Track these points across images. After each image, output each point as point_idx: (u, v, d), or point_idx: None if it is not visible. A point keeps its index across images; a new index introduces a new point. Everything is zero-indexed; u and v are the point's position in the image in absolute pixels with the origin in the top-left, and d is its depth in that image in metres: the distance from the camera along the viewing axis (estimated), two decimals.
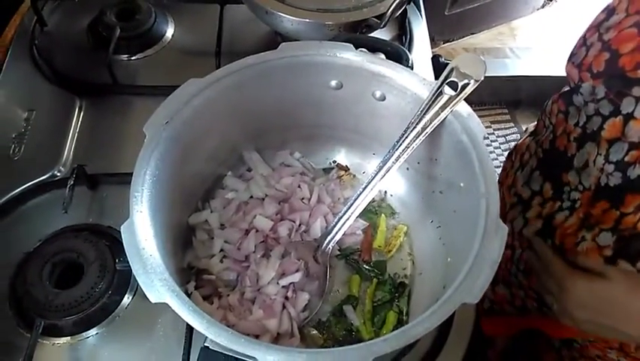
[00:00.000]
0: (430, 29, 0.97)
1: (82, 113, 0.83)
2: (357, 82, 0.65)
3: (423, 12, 0.99)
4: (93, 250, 0.65)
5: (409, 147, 0.59)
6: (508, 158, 0.85)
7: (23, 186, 0.73)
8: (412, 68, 0.71)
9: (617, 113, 0.57)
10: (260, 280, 0.63)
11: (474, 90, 0.57)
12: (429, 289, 0.63)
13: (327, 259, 0.65)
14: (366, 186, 0.61)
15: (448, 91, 0.57)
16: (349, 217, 0.63)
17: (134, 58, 0.91)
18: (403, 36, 0.94)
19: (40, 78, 0.85)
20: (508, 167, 0.83)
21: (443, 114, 0.57)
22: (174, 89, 0.59)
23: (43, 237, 0.69)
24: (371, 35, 0.82)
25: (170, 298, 0.44)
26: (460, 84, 0.57)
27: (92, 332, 0.63)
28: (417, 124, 0.58)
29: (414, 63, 0.75)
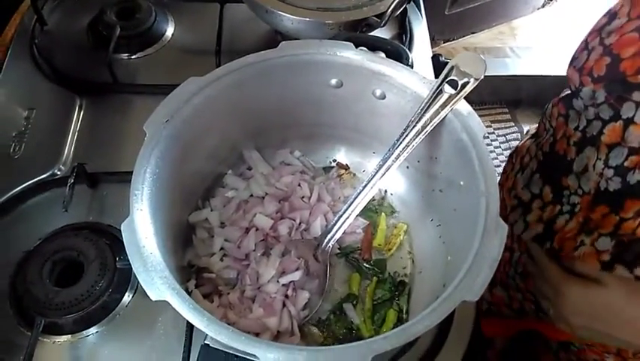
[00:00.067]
0: (430, 29, 0.97)
1: (82, 112, 0.83)
2: (357, 80, 0.65)
3: (423, 11, 0.99)
4: (93, 248, 0.65)
5: (409, 146, 0.58)
6: (508, 160, 0.85)
7: (23, 184, 0.74)
8: (412, 66, 0.71)
9: (617, 118, 0.57)
10: (260, 279, 0.63)
11: (474, 89, 0.57)
12: (429, 288, 0.63)
13: (327, 258, 0.65)
14: (366, 185, 0.61)
15: (448, 89, 0.57)
16: (349, 216, 0.63)
17: (134, 57, 0.91)
18: (403, 35, 0.94)
19: (41, 77, 0.85)
20: (508, 169, 0.83)
21: (443, 113, 0.57)
22: (174, 88, 0.59)
23: (43, 235, 0.69)
24: (371, 34, 0.82)
25: (170, 295, 0.44)
26: (460, 83, 0.57)
27: (93, 330, 0.63)
28: (417, 122, 0.58)
29: (414, 62, 0.75)
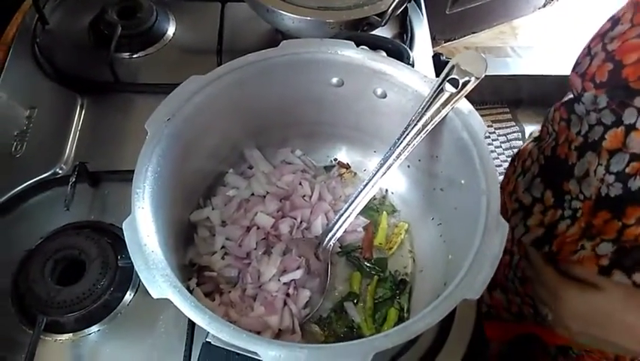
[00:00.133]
0: (431, 28, 0.97)
1: (83, 111, 0.83)
2: (358, 79, 0.65)
3: (424, 10, 0.99)
4: (95, 247, 0.65)
5: (409, 145, 0.58)
6: (510, 163, 0.84)
7: (25, 183, 0.74)
8: (413, 65, 0.72)
9: (618, 124, 0.56)
10: (261, 277, 0.63)
11: (475, 89, 0.57)
12: (430, 286, 0.63)
13: (328, 256, 0.65)
14: (367, 184, 0.61)
15: (449, 88, 0.57)
16: (350, 215, 0.63)
17: (135, 56, 0.91)
18: (404, 34, 0.93)
19: (42, 76, 0.85)
20: (510, 172, 0.82)
21: (444, 111, 0.57)
22: (175, 87, 0.59)
23: (45, 234, 0.69)
24: (372, 33, 0.83)
25: (172, 293, 0.44)
26: (460, 81, 0.57)
27: (94, 328, 0.63)
28: (418, 121, 0.58)
29: (415, 61, 0.76)
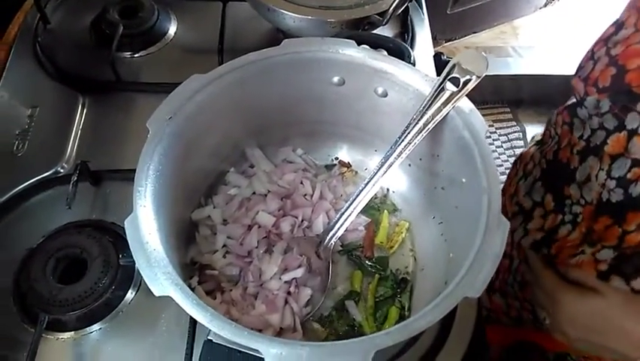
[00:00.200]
0: (432, 28, 0.97)
1: (85, 110, 0.84)
2: (359, 78, 0.65)
3: (425, 9, 0.99)
4: (96, 245, 0.65)
5: (410, 143, 0.59)
6: (512, 166, 0.84)
7: (27, 182, 0.74)
8: (414, 65, 0.72)
9: (621, 129, 0.56)
10: (262, 276, 0.63)
11: (476, 89, 0.57)
12: (431, 285, 0.63)
13: (329, 255, 0.65)
14: (367, 183, 0.61)
15: (450, 87, 0.57)
16: (351, 213, 0.63)
17: (136, 55, 0.91)
18: (405, 33, 0.94)
19: (44, 75, 0.85)
20: (512, 175, 0.82)
21: (445, 110, 0.57)
22: (177, 87, 0.59)
23: (46, 233, 0.69)
24: (373, 32, 0.83)
25: (173, 291, 0.44)
26: (462, 80, 0.57)
27: (96, 327, 0.63)
28: (419, 120, 0.58)
29: (416, 61, 0.76)
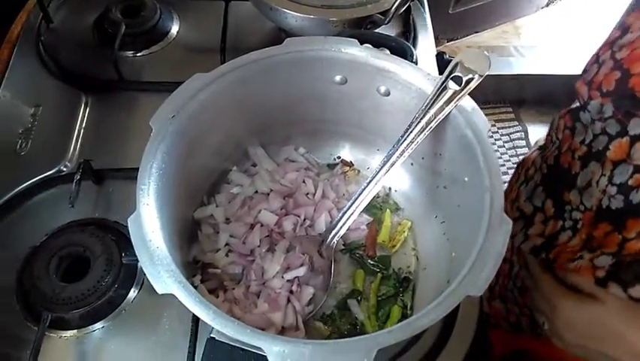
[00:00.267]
0: (434, 28, 0.97)
1: (88, 109, 0.84)
2: (361, 77, 0.65)
3: (427, 9, 0.99)
4: (99, 244, 0.65)
5: (413, 142, 0.58)
6: (515, 171, 0.83)
7: (30, 181, 0.74)
8: (416, 64, 0.71)
9: (623, 134, 0.55)
10: (265, 274, 0.63)
11: (478, 88, 0.57)
12: (433, 284, 0.63)
13: (331, 254, 0.65)
14: (370, 181, 0.61)
15: (453, 86, 0.57)
16: (353, 212, 0.63)
17: (139, 54, 0.91)
18: (407, 33, 0.94)
19: (47, 74, 0.86)
20: (513, 180, 0.81)
21: (447, 109, 0.57)
22: (179, 85, 0.59)
23: (49, 231, 0.69)
24: (375, 31, 0.83)
25: (176, 289, 0.45)
26: (464, 79, 0.57)
27: (99, 325, 0.63)
28: (421, 119, 0.58)
29: (418, 60, 0.75)
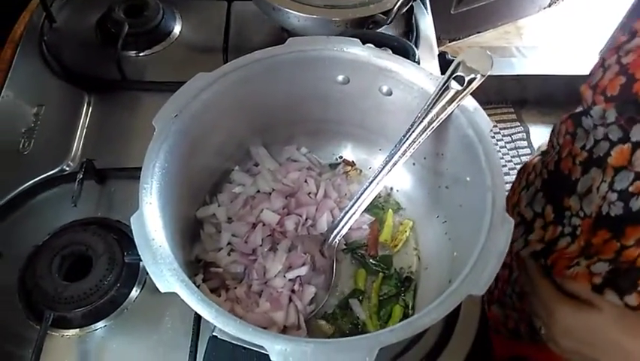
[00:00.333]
0: (436, 28, 0.97)
1: (90, 109, 0.84)
2: (364, 77, 0.65)
3: (429, 9, 0.99)
4: (102, 243, 0.66)
5: (415, 142, 0.59)
6: (517, 176, 0.83)
7: (33, 180, 0.74)
8: (418, 63, 0.72)
9: (625, 140, 0.55)
10: (267, 273, 0.63)
11: (480, 89, 0.57)
12: (435, 284, 0.63)
13: (333, 253, 0.65)
14: (372, 181, 0.61)
15: (455, 85, 0.57)
16: (355, 212, 0.63)
17: (142, 54, 0.92)
18: (410, 33, 0.94)
19: (49, 74, 0.86)
20: (515, 185, 0.81)
21: (450, 109, 0.57)
22: (182, 85, 0.60)
23: (52, 230, 0.69)
24: (378, 31, 0.83)
25: (179, 287, 0.45)
26: (466, 79, 0.57)
27: (101, 324, 0.63)
28: (423, 119, 0.58)
29: (420, 60, 0.76)
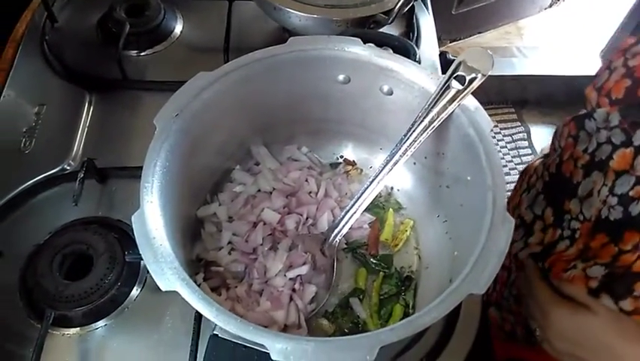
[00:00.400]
0: (437, 28, 0.97)
1: (92, 108, 0.84)
2: (364, 76, 0.65)
3: (430, 9, 0.99)
4: (102, 242, 0.66)
5: (415, 142, 0.58)
6: (519, 178, 0.83)
7: (34, 179, 0.74)
8: (419, 63, 0.72)
9: (628, 144, 0.55)
10: (267, 273, 0.63)
11: (480, 89, 0.57)
12: (435, 283, 0.63)
13: (334, 252, 0.65)
14: (372, 181, 0.61)
15: (456, 85, 0.57)
16: (356, 211, 0.63)
17: (143, 53, 0.92)
18: (411, 33, 0.94)
19: (51, 73, 0.86)
20: (517, 187, 0.81)
21: (450, 108, 0.57)
22: (183, 85, 0.60)
23: (53, 229, 0.70)
24: (379, 31, 0.83)
25: (180, 286, 0.45)
26: (467, 78, 0.57)
27: (102, 323, 0.64)
28: (424, 118, 0.58)
29: (421, 59, 0.76)
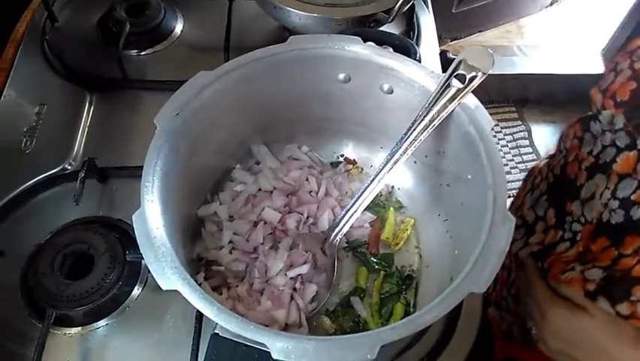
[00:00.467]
0: (437, 27, 0.97)
1: (92, 108, 0.84)
2: (365, 75, 0.65)
3: (430, 7, 0.99)
4: (103, 241, 0.66)
5: (416, 140, 0.58)
6: (523, 180, 0.83)
7: (35, 179, 0.74)
8: (419, 62, 0.71)
9: (632, 147, 0.55)
10: (268, 272, 0.63)
11: (481, 88, 0.57)
12: (436, 282, 0.63)
13: (334, 251, 0.65)
14: (373, 179, 0.61)
15: (456, 83, 0.57)
16: (356, 210, 0.63)
17: (143, 53, 0.92)
18: (411, 31, 0.94)
19: (51, 73, 0.86)
20: (521, 188, 0.81)
21: (451, 107, 0.57)
22: (183, 84, 0.60)
23: (54, 229, 0.70)
24: (379, 29, 0.83)
25: (181, 285, 0.45)
26: (467, 77, 0.57)
27: (103, 322, 0.64)
28: (424, 117, 0.58)
29: (422, 58, 0.75)
